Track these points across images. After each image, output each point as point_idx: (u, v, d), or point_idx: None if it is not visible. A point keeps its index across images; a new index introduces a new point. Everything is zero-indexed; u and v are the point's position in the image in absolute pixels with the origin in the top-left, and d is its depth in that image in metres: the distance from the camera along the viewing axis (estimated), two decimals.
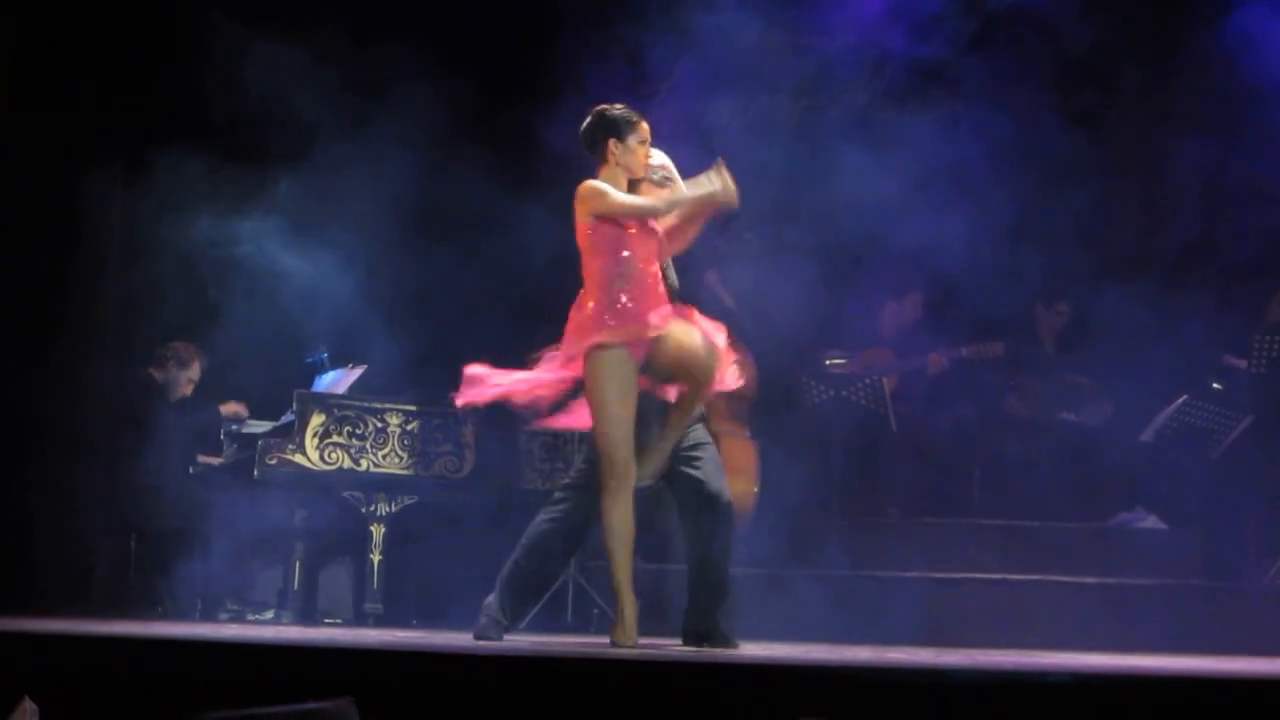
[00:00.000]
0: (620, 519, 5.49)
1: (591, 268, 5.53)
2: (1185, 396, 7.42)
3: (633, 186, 5.65)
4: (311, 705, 3.71)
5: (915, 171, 7.69)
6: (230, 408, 7.72)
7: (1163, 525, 7.60)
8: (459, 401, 5.78)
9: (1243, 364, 7.51)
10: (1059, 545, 7.17)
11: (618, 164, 5.61)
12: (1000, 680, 4.64)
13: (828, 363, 8.10)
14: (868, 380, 7.83)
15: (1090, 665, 5.25)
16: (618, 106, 5.68)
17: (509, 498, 7.67)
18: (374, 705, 4.00)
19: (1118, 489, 7.71)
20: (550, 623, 7.40)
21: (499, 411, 7.65)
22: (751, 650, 5.74)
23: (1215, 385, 7.60)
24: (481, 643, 5.56)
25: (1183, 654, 6.03)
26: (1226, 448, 7.42)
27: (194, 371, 7.81)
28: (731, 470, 7.63)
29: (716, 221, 7.82)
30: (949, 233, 7.62)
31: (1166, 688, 4.51)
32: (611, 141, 5.60)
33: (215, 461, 7.77)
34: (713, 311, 7.96)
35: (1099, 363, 7.96)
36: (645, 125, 5.66)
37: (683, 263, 6.08)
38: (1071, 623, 6.61)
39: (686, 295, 8.02)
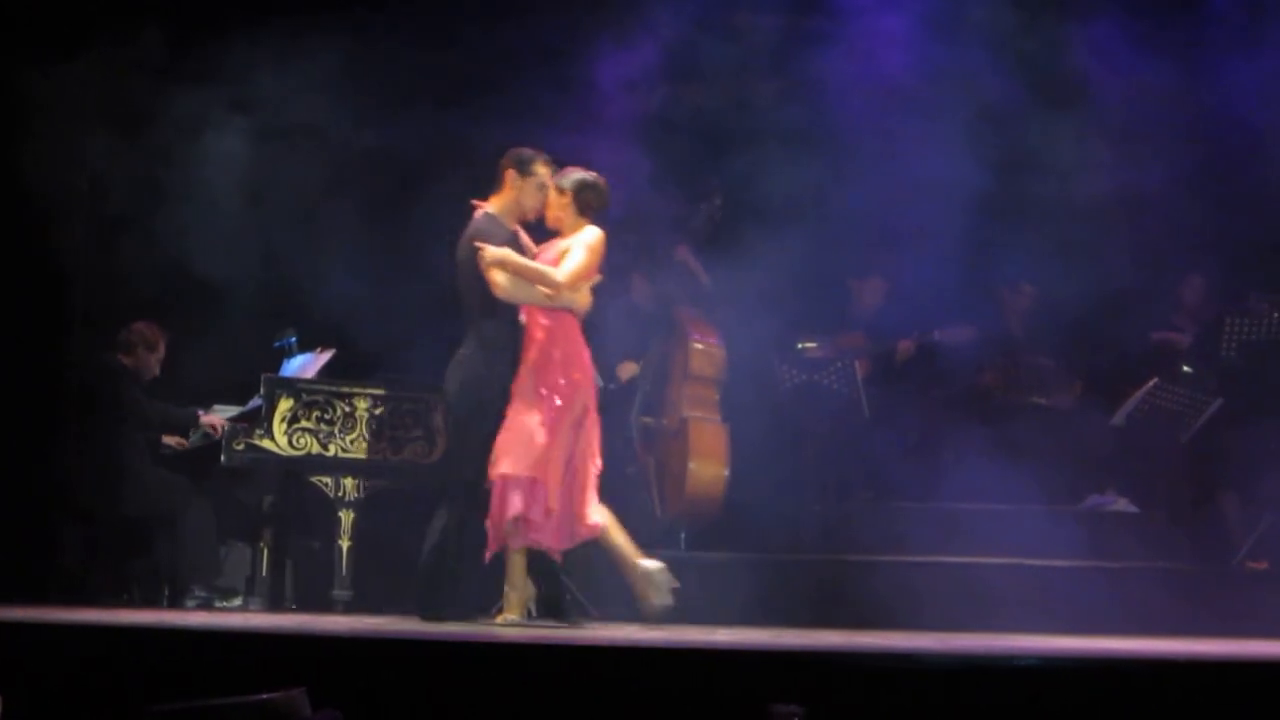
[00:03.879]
0: None
1: None
2: (1155, 380, 7.43)
3: None
4: (264, 696, 3.65)
5: (884, 155, 7.68)
6: (210, 419, 7.61)
7: (1133, 508, 7.61)
8: None
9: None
10: (1029, 528, 7.16)
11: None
12: (970, 664, 4.64)
13: (800, 346, 8.08)
14: (840, 364, 7.81)
15: (1059, 648, 5.25)
16: None
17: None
18: (335, 694, 3.96)
19: (1088, 472, 7.72)
20: None
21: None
22: (723, 636, 5.72)
23: (1185, 369, 7.62)
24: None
25: (1152, 637, 6.04)
26: (1196, 431, 7.44)
27: (161, 351, 7.73)
28: (702, 454, 7.64)
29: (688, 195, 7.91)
30: (914, 216, 7.63)
31: (1135, 671, 4.52)
32: None
33: (180, 445, 7.68)
34: (687, 290, 8.03)
35: (1066, 344, 7.97)
36: None
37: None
38: (1041, 606, 6.61)
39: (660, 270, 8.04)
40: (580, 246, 6.05)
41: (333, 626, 5.63)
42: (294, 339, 7.82)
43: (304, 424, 7.32)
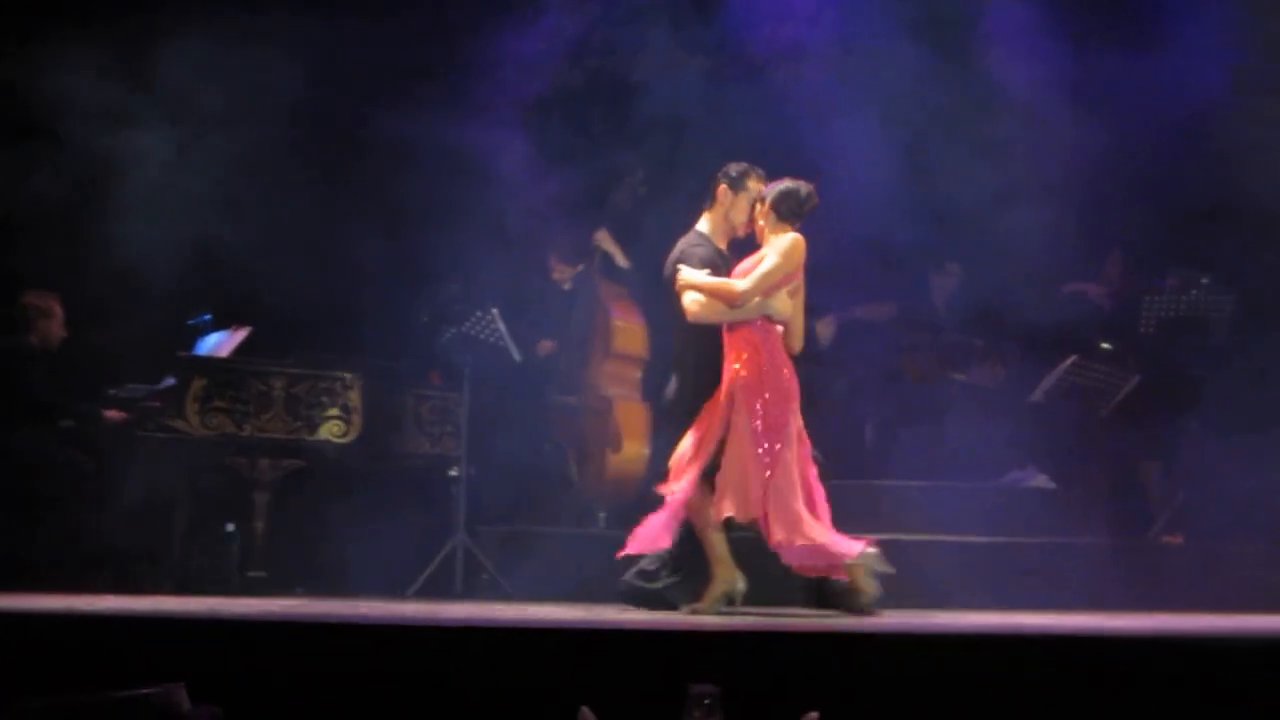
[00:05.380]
0: None
1: None
2: (1075, 357, 7.47)
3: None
4: (142, 691, 3.55)
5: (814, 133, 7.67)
6: (113, 414, 7.43)
7: (1051, 484, 7.65)
8: None
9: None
10: (949, 505, 7.18)
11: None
12: (888, 641, 4.63)
13: None
14: None
15: (977, 625, 5.26)
16: None
17: (397, 461, 7.54)
18: (219, 685, 3.86)
19: (1007, 448, 7.75)
20: (437, 589, 7.28)
21: (386, 373, 7.58)
22: (641, 615, 5.68)
23: (1104, 345, 7.66)
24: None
25: (1070, 611, 6.07)
26: (1115, 407, 7.48)
27: (59, 314, 7.50)
28: (623, 433, 7.59)
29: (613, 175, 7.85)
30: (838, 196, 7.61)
31: (1052, 645, 4.53)
32: None
33: (120, 416, 7.44)
34: (606, 272, 7.97)
35: (989, 324, 7.99)
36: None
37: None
38: (960, 582, 6.62)
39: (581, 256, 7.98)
40: (772, 253, 5.89)
41: (242, 610, 5.53)
42: (208, 316, 7.69)
43: (218, 404, 7.21)
